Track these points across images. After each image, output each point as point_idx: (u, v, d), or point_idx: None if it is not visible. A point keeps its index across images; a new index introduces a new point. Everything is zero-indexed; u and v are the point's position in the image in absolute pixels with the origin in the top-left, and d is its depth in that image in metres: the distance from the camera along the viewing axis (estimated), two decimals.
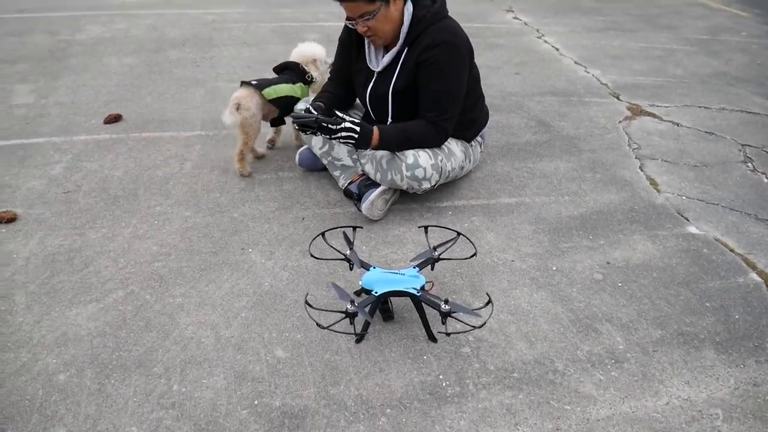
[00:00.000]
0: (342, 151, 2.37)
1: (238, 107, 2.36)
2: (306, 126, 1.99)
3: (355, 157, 2.36)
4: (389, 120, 2.26)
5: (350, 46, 2.30)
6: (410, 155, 2.16)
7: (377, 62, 2.23)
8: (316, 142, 2.41)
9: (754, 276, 2.08)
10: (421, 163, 2.16)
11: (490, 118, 2.56)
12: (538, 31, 4.57)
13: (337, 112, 2.04)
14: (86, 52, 3.73)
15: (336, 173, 2.43)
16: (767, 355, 1.74)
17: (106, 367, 1.60)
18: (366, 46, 2.24)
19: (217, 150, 2.71)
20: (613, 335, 1.78)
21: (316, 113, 2.01)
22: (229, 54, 3.81)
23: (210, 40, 4.05)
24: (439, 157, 2.23)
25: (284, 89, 2.47)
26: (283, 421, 1.46)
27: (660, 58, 4.10)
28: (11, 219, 2.18)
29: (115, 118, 2.93)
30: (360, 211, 2.27)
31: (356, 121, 2.03)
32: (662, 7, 5.43)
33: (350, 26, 2.13)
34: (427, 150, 2.20)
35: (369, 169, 2.28)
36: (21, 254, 2.01)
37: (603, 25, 4.81)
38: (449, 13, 2.19)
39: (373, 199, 2.22)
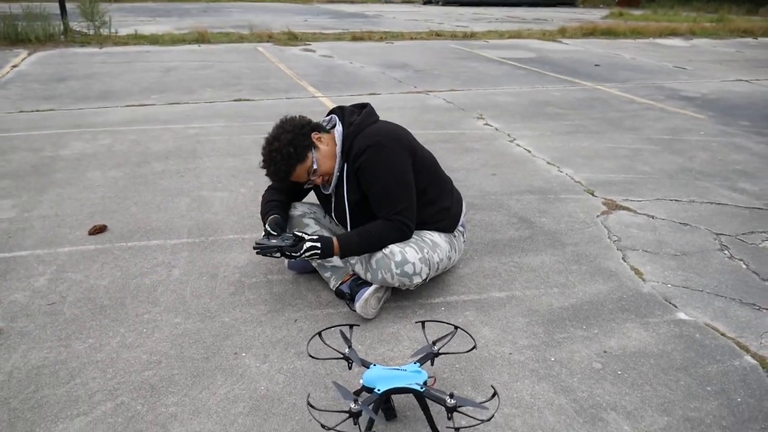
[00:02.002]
0: None
1: None
2: (270, 254, 2.12)
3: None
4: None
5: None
6: (397, 252, 2.18)
7: (327, 186, 2.36)
8: None
9: (749, 358, 2.08)
10: (409, 259, 2.18)
11: (472, 216, 2.62)
12: (509, 135, 4.78)
13: (296, 233, 2.15)
14: (70, 167, 3.77)
15: (326, 275, 2.43)
16: None
17: None
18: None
19: (205, 256, 2.71)
20: (620, 424, 1.75)
21: (275, 235, 2.15)
22: (212, 164, 3.89)
23: (193, 152, 4.14)
24: (425, 250, 2.25)
25: None
26: None
27: (628, 157, 4.30)
28: None
29: (99, 229, 2.92)
30: (354, 310, 2.25)
31: (314, 237, 2.15)
32: (622, 112, 5.75)
33: (307, 187, 2.37)
34: (412, 245, 2.23)
35: (359, 269, 2.29)
36: (3, 369, 1.93)
37: (570, 128, 5.06)
38: (380, 118, 2.34)
39: (366, 297, 2.21)
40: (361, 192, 2.25)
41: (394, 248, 2.20)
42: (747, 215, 3.33)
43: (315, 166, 2.22)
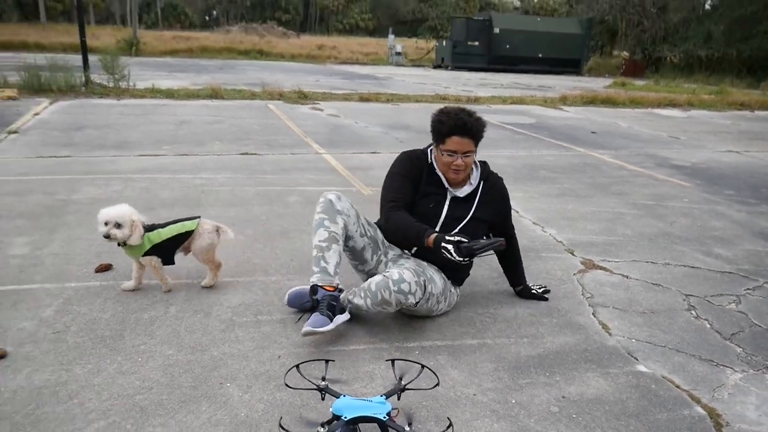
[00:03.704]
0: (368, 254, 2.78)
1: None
2: (481, 254, 2.47)
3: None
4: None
5: (412, 177, 2.76)
6: (395, 273, 2.45)
7: (453, 191, 2.78)
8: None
9: (698, 409, 2.24)
10: (405, 279, 2.44)
11: None
12: None
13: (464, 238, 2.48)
14: (82, 210, 4.02)
15: (316, 268, 2.61)
16: None
17: None
18: (440, 176, 2.78)
19: (201, 296, 2.90)
20: None
21: (467, 241, 2.45)
22: (215, 213, 4.13)
23: (198, 201, 4.39)
24: (422, 278, 2.50)
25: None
26: None
27: (610, 220, 4.51)
28: (1, 356, 2.29)
29: (105, 268, 3.13)
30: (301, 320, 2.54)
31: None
32: (612, 178, 6.00)
33: (448, 156, 2.66)
34: (410, 270, 2.49)
35: (359, 302, 2.55)
36: (9, 387, 2.11)
37: (558, 191, 5.30)
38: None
39: (321, 331, 2.43)
40: (487, 210, 2.81)
41: (393, 271, 2.47)
42: (718, 278, 3.51)
43: (469, 157, 2.67)
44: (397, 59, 29.04)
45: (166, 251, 2.88)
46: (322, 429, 1.75)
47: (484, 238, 2.66)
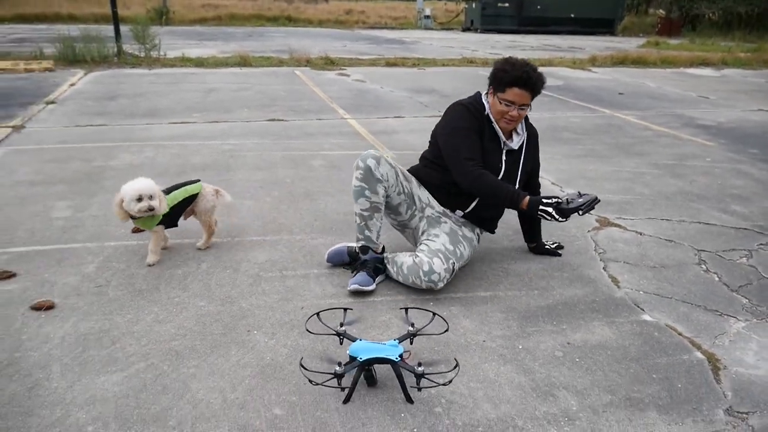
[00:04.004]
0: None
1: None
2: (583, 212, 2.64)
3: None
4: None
5: (477, 130, 2.84)
6: (425, 263, 2.64)
7: (509, 144, 2.91)
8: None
9: (698, 354, 2.35)
10: (435, 269, 2.63)
11: None
12: None
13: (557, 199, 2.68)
14: (118, 176, 4.23)
15: (360, 236, 2.81)
16: (703, 415, 1.99)
17: (128, 421, 1.88)
18: (497, 130, 2.87)
19: (230, 253, 3.09)
20: (568, 399, 2.05)
21: (561, 201, 2.65)
22: (243, 177, 4.31)
23: (227, 165, 4.57)
24: (450, 261, 2.69)
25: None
26: None
27: (629, 180, 4.57)
28: (50, 307, 2.52)
29: (141, 229, 3.34)
30: (351, 278, 2.73)
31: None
32: (635, 138, 6.01)
33: (505, 105, 2.75)
34: (441, 256, 2.68)
35: (391, 271, 2.79)
36: (57, 334, 2.33)
37: (581, 152, 5.35)
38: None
39: (366, 290, 2.60)
40: (530, 160, 3.00)
41: (423, 258, 2.66)
42: (732, 234, 3.58)
43: (525, 110, 2.80)
44: (426, 23, 28.70)
45: (173, 216, 3.03)
46: (339, 368, 1.92)
47: (573, 196, 2.70)
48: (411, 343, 2.24)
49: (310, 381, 1.87)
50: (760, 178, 4.77)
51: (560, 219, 2.60)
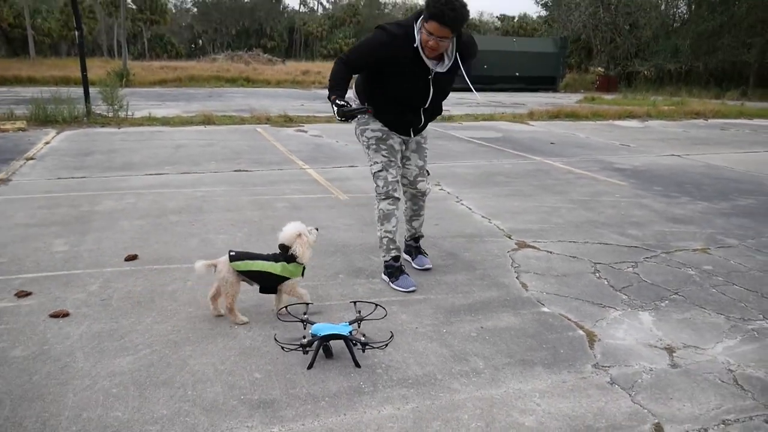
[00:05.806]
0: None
1: (214, 268, 3.05)
2: (352, 118, 3.30)
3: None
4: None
5: (383, 60, 3.26)
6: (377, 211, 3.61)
7: (435, 68, 3.32)
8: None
9: (580, 332, 3.08)
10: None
11: None
12: (457, 197, 5.88)
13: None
14: (105, 218, 4.83)
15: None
16: (576, 369, 2.71)
17: (143, 385, 2.48)
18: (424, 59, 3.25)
19: (210, 276, 3.70)
20: (477, 362, 2.74)
21: (345, 104, 3.21)
22: (215, 217, 4.96)
23: (200, 209, 5.21)
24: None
25: (258, 265, 3.04)
26: (259, 404, 2.34)
27: (547, 213, 5.38)
28: (66, 315, 3.10)
29: (133, 257, 3.94)
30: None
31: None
32: (558, 180, 6.90)
33: (426, 35, 3.10)
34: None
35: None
36: (76, 333, 2.92)
37: (509, 192, 6.17)
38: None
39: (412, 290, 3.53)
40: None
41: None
42: (624, 251, 4.38)
43: (445, 42, 3.15)
44: None
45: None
46: (304, 339, 2.57)
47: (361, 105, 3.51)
48: (359, 327, 2.90)
49: (283, 348, 2.51)
50: (657, 209, 5.64)
51: (338, 117, 3.21)
